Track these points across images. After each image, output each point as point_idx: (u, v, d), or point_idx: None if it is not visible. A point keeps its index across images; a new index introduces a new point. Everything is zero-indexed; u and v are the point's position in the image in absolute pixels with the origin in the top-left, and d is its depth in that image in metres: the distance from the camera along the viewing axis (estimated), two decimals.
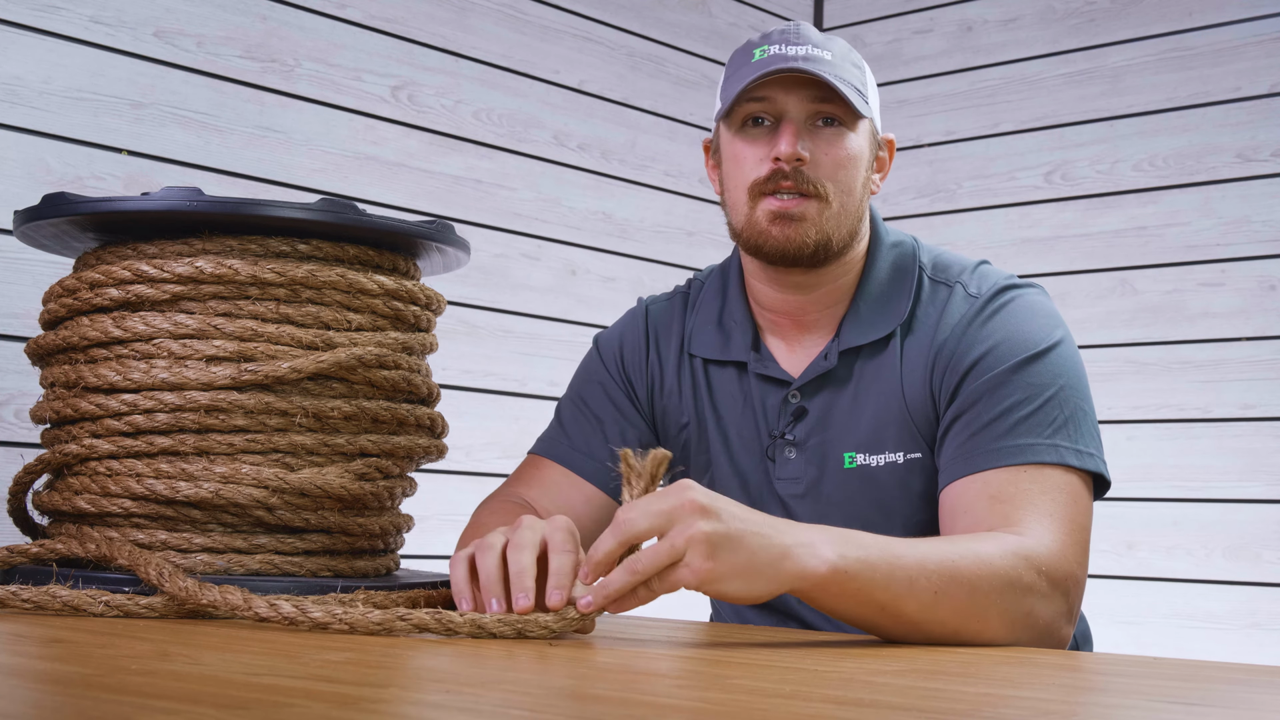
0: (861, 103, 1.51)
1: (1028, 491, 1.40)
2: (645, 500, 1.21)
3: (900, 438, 1.52)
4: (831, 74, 1.49)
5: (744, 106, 1.52)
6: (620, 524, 1.20)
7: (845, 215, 1.52)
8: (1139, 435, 2.87)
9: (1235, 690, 1.06)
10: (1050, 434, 1.43)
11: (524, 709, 0.82)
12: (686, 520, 1.18)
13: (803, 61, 1.49)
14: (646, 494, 1.23)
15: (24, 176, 2.03)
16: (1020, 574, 1.31)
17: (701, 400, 1.63)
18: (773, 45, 1.51)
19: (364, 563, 1.50)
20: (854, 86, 1.51)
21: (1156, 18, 2.94)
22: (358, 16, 2.46)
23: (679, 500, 1.19)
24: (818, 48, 1.51)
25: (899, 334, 1.54)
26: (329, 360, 1.42)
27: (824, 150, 1.50)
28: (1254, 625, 2.74)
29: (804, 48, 1.50)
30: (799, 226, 1.50)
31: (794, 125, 1.50)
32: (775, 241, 1.51)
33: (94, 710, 0.76)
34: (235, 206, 1.42)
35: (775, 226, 1.50)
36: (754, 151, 1.52)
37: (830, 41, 1.53)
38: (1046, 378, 1.46)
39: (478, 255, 2.59)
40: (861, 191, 1.54)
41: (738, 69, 1.53)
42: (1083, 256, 2.98)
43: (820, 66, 1.49)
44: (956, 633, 1.28)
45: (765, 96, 1.50)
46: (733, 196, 1.55)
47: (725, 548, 1.18)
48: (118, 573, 1.37)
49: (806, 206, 1.50)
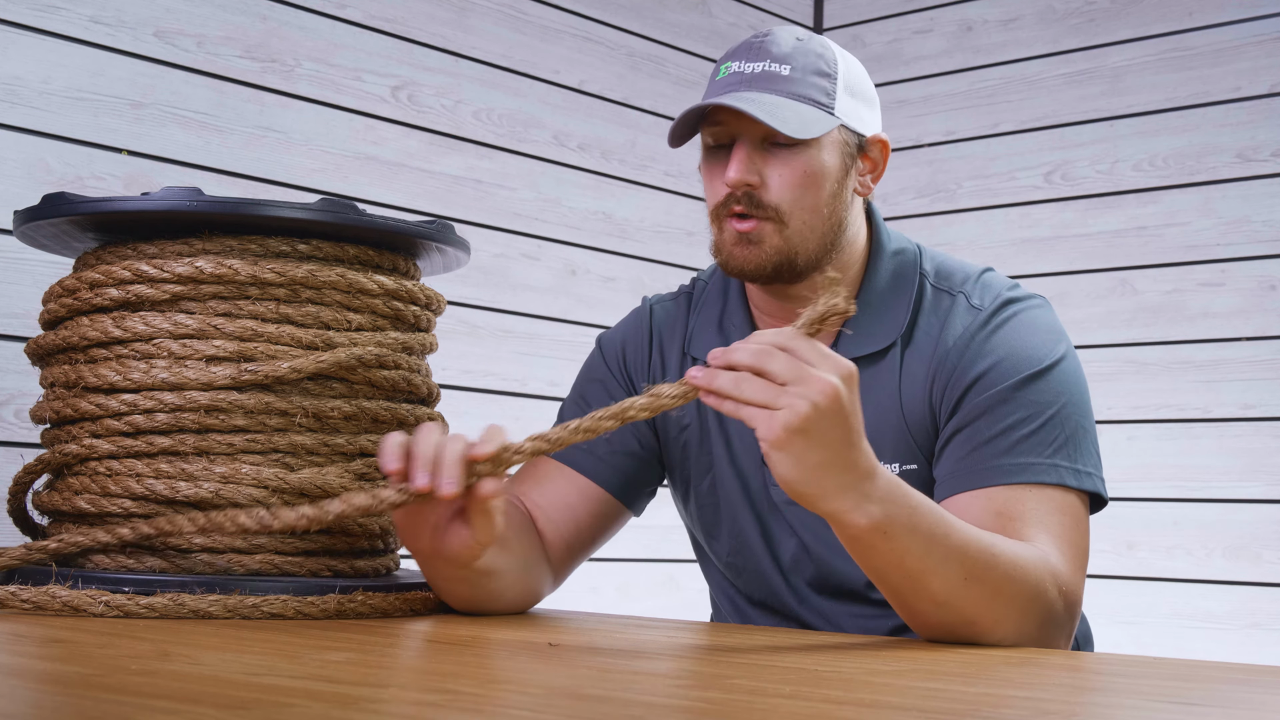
0: (816, 116, 1.48)
1: (1034, 511, 1.41)
2: (808, 343, 1.20)
3: (897, 448, 1.52)
4: (784, 92, 1.47)
5: (706, 128, 1.52)
6: (790, 331, 1.20)
7: (811, 230, 1.51)
8: (1139, 435, 2.87)
9: (1235, 690, 1.06)
10: (1050, 454, 1.43)
11: (524, 709, 0.82)
12: (813, 387, 1.17)
13: (753, 83, 1.48)
14: (808, 333, 1.22)
15: (24, 176, 2.03)
16: (1047, 588, 1.33)
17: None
18: (735, 62, 1.51)
19: (364, 563, 1.50)
20: (812, 100, 1.48)
21: (1156, 18, 2.94)
22: (358, 16, 2.46)
23: (824, 374, 1.18)
24: (777, 62, 1.49)
25: (899, 344, 1.54)
26: (329, 360, 1.42)
27: (778, 171, 1.49)
28: (1254, 625, 2.74)
29: (761, 64, 1.49)
30: (756, 249, 1.50)
31: (744, 150, 1.49)
32: (736, 262, 1.52)
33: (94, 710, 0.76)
34: (235, 206, 1.42)
35: (737, 248, 1.51)
36: (714, 174, 1.53)
37: (797, 51, 1.50)
38: (1049, 396, 1.46)
39: (478, 255, 2.59)
40: (831, 203, 1.51)
41: (709, 86, 1.54)
42: (1083, 256, 2.98)
43: (772, 86, 1.47)
44: (972, 623, 1.29)
45: (720, 121, 1.50)
46: (708, 215, 1.56)
47: (811, 438, 1.18)
48: (118, 572, 1.37)
49: (762, 228, 1.50)
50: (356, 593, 1.40)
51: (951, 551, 1.26)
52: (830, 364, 1.19)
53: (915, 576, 1.26)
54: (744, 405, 1.18)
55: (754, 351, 1.19)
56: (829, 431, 1.18)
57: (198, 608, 1.30)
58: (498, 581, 1.45)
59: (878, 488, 1.23)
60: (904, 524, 1.23)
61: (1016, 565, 1.30)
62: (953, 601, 1.27)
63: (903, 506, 1.24)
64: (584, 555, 1.64)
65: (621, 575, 2.83)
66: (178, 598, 1.30)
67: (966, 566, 1.27)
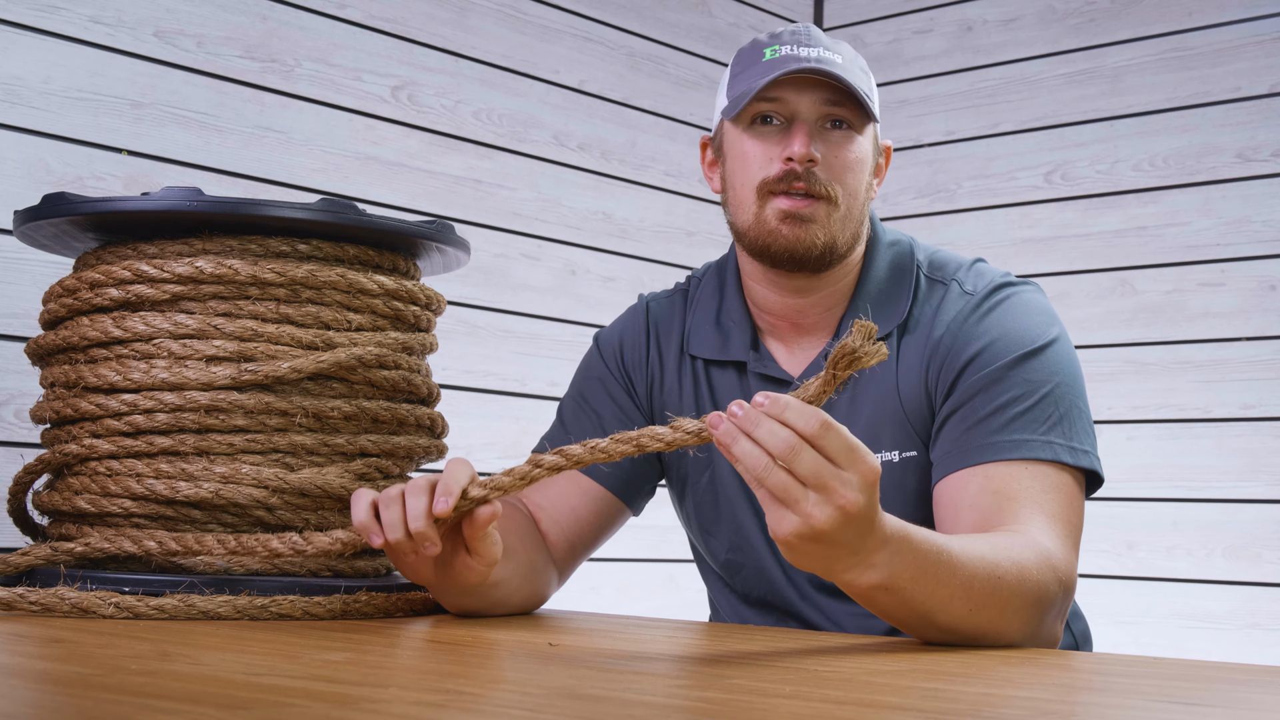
0: (870, 105, 1.52)
1: (1030, 489, 1.41)
2: (840, 438, 1.11)
3: (896, 437, 1.52)
4: (846, 77, 1.50)
5: (755, 105, 1.51)
6: (821, 420, 1.11)
7: (850, 219, 1.53)
8: (1139, 435, 2.87)
9: (1235, 690, 1.06)
10: (1045, 430, 1.43)
11: (524, 709, 0.82)
12: (835, 502, 1.11)
13: (817, 63, 1.49)
14: (823, 399, 1.15)
15: (24, 176, 2.03)
16: (1048, 586, 1.33)
17: (702, 398, 1.63)
18: (784, 45, 1.51)
19: (364, 563, 1.50)
20: (864, 90, 1.52)
21: (1156, 18, 2.94)
22: (358, 16, 2.46)
23: (848, 489, 1.11)
24: (828, 50, 1.52)
25: (896, 334, 1.55)
26: (329, 360, 1.42)
27: (834, 153, 1.51)
28: (1254, 625, 2.74)
29: (816, 49, 1.51)
30: (808, 228, 1.50)
31: (807, 126, 1.50)
32: (784, 241, 1.50)
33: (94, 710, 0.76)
34: (235, 206, 1.42)
35: (785, 226, 1.50)
36: (764, 150, 1.51)
37: (838, 45, 1.54)
38: (1042, 374, 1.47)
39: (478, 255, 2.59)
40: (866, 194, 1.55)
41: (746, 68, 1.53)
42: (1083, 256, 2.98)
43: (835, 69, 1.49)
44: (977, 640, 1.29)
45: (778, 97, 1.50)
46: (738, 194, 1.54)
47: (822, 545, 1.14)
48: (115, 572, 1.37)
49: (816, 208, 1.50)
50: (360, 593, 1.40)
51: (957, 590, 1.24)
52: (857, 470, 1.12)
53: (921, 615, 1.25)
54: (763, 489, 1.13)
55: (781, 441, 1.10)
56: (842, 536, 1.14)
57: (207, 609, 1.30)
58: (504, 589, 1.45)
59: (884, 554, 1.19)
60: (908, 577, 1.21)
61: (1021, 579, 1.29)
62: (959, 628, 1.27)
63: (907, 563, 1.20)
64: (585, 554, 1.64)
65: (621, 575, 2.83)
66: (187, 599, 1.30)
67: (973, 599, 1.25)
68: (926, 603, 1.23)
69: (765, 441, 1.11)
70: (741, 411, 1.12)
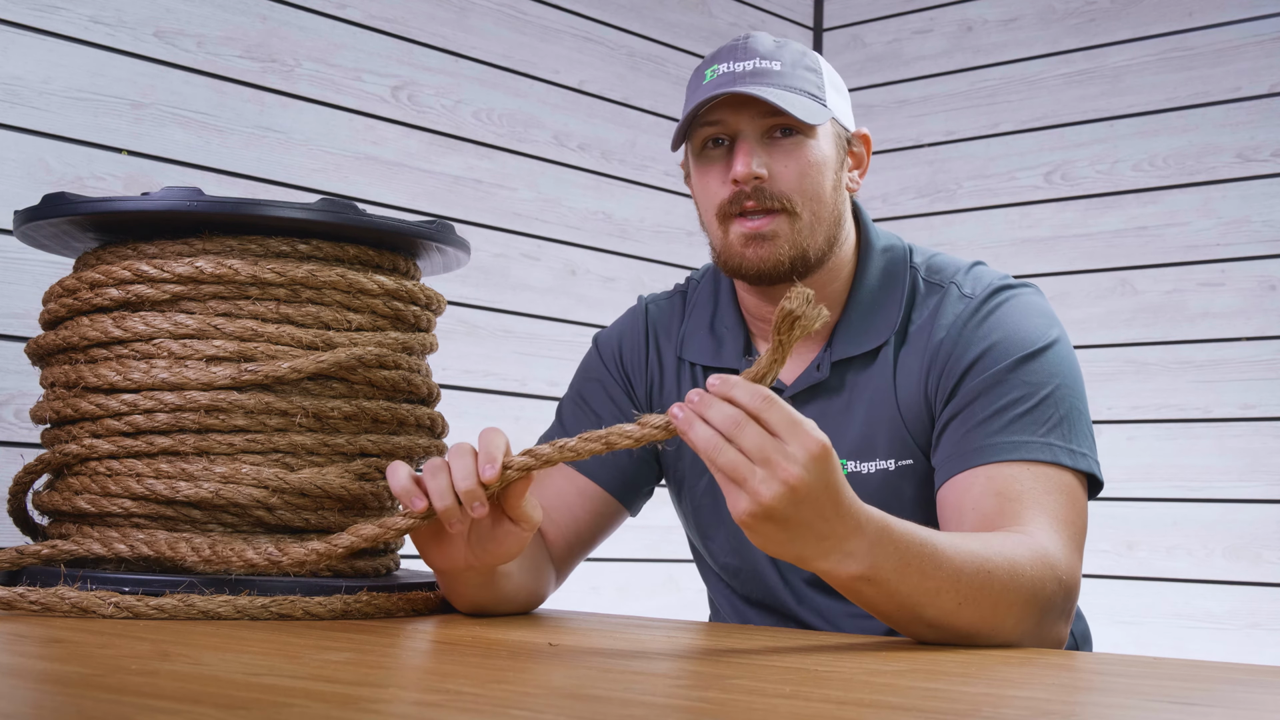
0: (816, 107, 1.50)
1: (1032, 490, 1.40)
2: (780, 412, 1.14)
3: (892, 444, 1.52)
4: (780, 85, 1.48)
5: (699, 131, 1.52)
6: (764, 395, 1.14)
7: (820, 223, 1.51)
8: (1139, 435, 2.87)
9: (1235, 690, 1.06)
10: (1045, 432, 1.43)
11: (524, 709, 0.82)
12: (778, 476, 1.13)
13: (749, 79, 1.48)
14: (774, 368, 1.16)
15: (24, 176, 2.03)
16: (1045, 585, 1.32)
17: None
18: (721, 64, 1.51)
19: (364, 563, 1.50)
20: (807, 93, 1.50)
21: (1156, 18, 2.94)
22: (358, 16, 2.46)
23: (790, 463, 1.13)
24: (766, 59, 1.50)
25: (892, 341, 1.54)
26: (329, 360, 1.42)
27: (783, 163, 1.49)
28: (1254, 625, 2.74)
29: (750, 62, 1.49)
30: (771, 245, 1.49)
31: (748, 144, 1.49)
32: (751, 263, 1.50)
33: (94, 710, 0.76)
34: (235, 206, 1.42)
35: (749, 249, 1.50)
36: (715, 174, 1.52)
37: (781, 50, 1.52)
38: (1043, 376, 1.47)
39: (478, 255, 2.59)
40: (833, 195, 1.53)
41: (692, 92, 1.53)
42: (1083, 256, 2.98)
43: (768, 80, 1.48)
44: (970, 636, 1.28)
45: (718, 119, 1.50)
46: (705, 220, 1.55)
47: (778, 523, 1.15)
48: (116, 571, 1.37)
49: (776, 223, 1.49)
50: (361, 593, 1.40)
51: (944, 583, 1.24)
52: (799, 442, 1.13)
53: (907, 609, 1.24)
54: (717, 470, 1.15)
55: (727, 417, 1.14)
56: (796, 514, 1.14)
57: (207, 609, 1.30)
58: (511, 583, 1.45)
59: (861, 543, 1.19)
60: (891, 569, 1.21)
61: (1013, 574, 1.29)
62: (948, 624, 1.26)
63: (890, 554, 1.21)
64: (583, 554, 1.64)
65: (621, 575, 2.83)
66: (187, 598, 1.30)
67: (961, 592, 1.25)
68: (912, 595, 1.23)
69: (715, 420, 1.15)
70: (699, 398, 1.16)
